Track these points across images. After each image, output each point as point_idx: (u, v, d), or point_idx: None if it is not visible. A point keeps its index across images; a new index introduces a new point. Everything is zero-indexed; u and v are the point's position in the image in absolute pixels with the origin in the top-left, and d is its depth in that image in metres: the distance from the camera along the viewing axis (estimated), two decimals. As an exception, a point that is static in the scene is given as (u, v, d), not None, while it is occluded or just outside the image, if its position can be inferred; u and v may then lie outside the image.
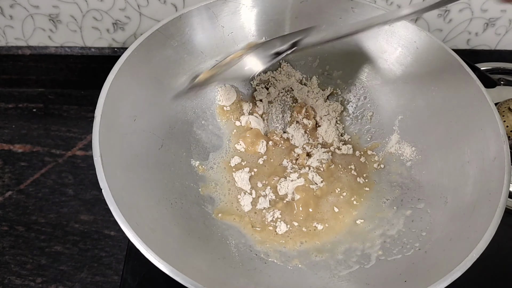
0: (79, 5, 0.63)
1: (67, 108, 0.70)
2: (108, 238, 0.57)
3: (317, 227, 0.51)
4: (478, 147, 0.47)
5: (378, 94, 0.58)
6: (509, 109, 0.59)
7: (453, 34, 0.69)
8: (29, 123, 0.68)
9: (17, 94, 0.72)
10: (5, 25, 0.66)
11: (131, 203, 0.40)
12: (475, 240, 0.39)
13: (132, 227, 0.37)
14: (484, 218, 0.41)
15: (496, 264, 0.54)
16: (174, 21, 0.51)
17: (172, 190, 0.49)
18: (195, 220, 0.48)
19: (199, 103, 0.56)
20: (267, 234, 0.51)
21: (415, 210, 0.50)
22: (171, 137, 0.52)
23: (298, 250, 0.49)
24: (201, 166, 0.54)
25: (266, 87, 0.60)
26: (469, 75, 0.49)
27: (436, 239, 0.45)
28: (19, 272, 0.54)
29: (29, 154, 0.65)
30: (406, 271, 0.43)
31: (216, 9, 0.54)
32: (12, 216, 0.58)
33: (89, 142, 0.66)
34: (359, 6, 0.55)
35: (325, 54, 0.59)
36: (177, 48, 0.52)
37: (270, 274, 0.46)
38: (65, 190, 0.61)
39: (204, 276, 0.40)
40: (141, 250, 0.36)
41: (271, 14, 0.56)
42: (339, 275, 0.46)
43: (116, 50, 0.70)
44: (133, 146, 0.46)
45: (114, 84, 0.45)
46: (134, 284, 0.50)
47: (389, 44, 0.56)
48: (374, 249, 0.48)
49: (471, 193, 0.45)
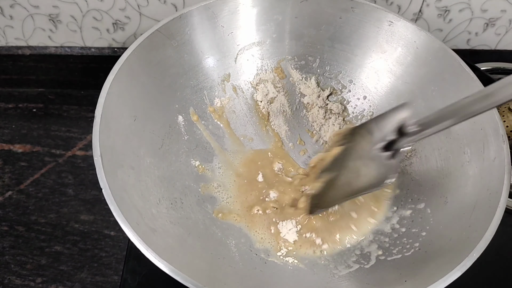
0: (79, 5, 0.63)
1: (67, 108, 0.70)
2: (108, 238, 0.57)
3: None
4: (478, 147, 0.47)
5: (378, 94, 0.58)
6: (509, 109, 0.59)
7: (453, 34, 0.69)
8: (29, 123, 0.68)
9: (17, 94, 0.72)
10: (5, 25, 0.66)
11: (131, 203, 0.40)
12: (475, 240, 0.39)
13: (132, 227, 0.37)
14: (484, 218, 0.41)
15: (496, 264, 0.54)
16: (174, 21, 0.51)
17: (172, 190, 0.49)
18: (195, 220, 0.48)
19: (199, 103, 0.56)
20: (268, 235, 0.51)
21: (415, 210, 0.50)
22: (171, 137, 0.52)
23: (298, 250, 0.49)
24: (201, 166, 0.54)
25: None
26: (469, 75, 0.49)
27: (436, 239, 0.45)
28: (19, 272, 0.54)
29: (29, 154, 0.65)
30: (406, 271, 0.43)
31: (216, 9, 0.54)
32: (12, 216, 0.58)
33: (89, 142, 0.66)
34: (359, 6, 0.55)
35: (325, 54, 0.59)
36: (177, 48, 0.52)
37: (270, 274, 0.46)
38: (65, 190, 0.61)
39: (204, 275, 0.40)
40: (141, 249, 0.36)
41: (271, 13, 0.56)
42: (339, 275, 0.46)
43: (116, 50, 0.70)
44: (133, 145, 0.46)
45: (114, 84, 0.45)
46: (134, 284, 0.50)
47: (389, 44, 0.56)
48: (373, 248, 0.48)
49: (471, 193, 0.45)
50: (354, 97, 0.60)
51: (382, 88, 0.58)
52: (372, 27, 0.56)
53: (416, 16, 0.67)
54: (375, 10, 0.55)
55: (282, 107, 0.60)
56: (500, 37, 0.71)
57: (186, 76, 0.54)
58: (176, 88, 0.53)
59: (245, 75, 0.59)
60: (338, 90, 0.60)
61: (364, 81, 0.59)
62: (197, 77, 0.55)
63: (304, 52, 0.59)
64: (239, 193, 0.54)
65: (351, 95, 0.60)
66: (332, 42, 0.58)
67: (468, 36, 0.70)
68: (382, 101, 0.58)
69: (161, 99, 0.51)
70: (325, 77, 0.60)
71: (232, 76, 0.58)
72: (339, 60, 0.59)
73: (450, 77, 0.52)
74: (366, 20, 0.56)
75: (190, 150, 0.54)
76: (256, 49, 0.58)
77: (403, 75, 0.56)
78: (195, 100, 0.55)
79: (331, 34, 0.57)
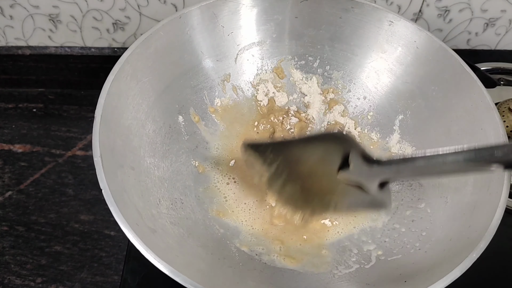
0: (79, 5, 0.63)
1: (67, 108, 0.70)
2: (108, 238, 0.57)
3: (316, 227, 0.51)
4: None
5: (378, 94, 0.58)
6: (509, 109, 0.59)
7: (453, 34, 0.69)
8: (29, 123, 0.68)
9: (17, 94, 0.72)
10: (5, 25, 0.66)
11: (131, 204, 0.40)
12: (475, 240, 0.39)
13: (132, 228, 0.37)
14: (484, 218, 0.41)
15: (496, 264, 0.54)
16: (174, 21, 0.51)
17: (172, 190, 0.49)
18: (195, 220, 0.48)
19: (198, 103, 0.56)
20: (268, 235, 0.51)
21: (415, 210, 0.50)
22: (171, 137, 0.52)
23: (298, 250, 0.49)
24: (201, 166, 0.54)
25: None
26: (469, 75, 0.49)
27: (436, 239, 0.45)
28: (19, 272, 0.54)
29: (29, 154, 0.65)
30: (406, 271, 0.43)
31: (216, 9, 0.54)
32: (12, 216, 0.58)
33: (89, 142, 0.66)
34: (359, 5, 0.55)
35: (325, 54, 0.59)
36: (177, 48, 0.52)
37: (270, 275, 0.46)
38: (65, 190, 0.61)
39: (204, 276, 0.40)
40: (141, 250, 0.36)
41: (271, 13, 0.56)
42: (339, 275, 0.46)
43: (116, 50, 0.70)
44: (133, 146, 0.46)
45: (114, 85, 0.44)
46: (134, 284, 0.50)
47: (389, 44, 0.56)
48: (372, 247, 0.48)
49: (471, 193, 0.45)
50: (354, 97, 0.59)
51: (382, 88, 0.58)
52: (372, 27, 0.56)
53: (416, 16, 0.67)
54: (375, 10, 0.55)
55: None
56: (500, 37, 0.71)
57: (186, 76, 0.54)
58: (176, 89, 0.53)
59: (245, 75, 0.59)
60: (338, 90, 0.60)
61: (364, 80, 0.59)
62: (197, 77, 0.55)
63: (304, 52, 0.59)
64: (240, 193, 0.54)
65: (351, 95, 0.60)
66: (332, 42, 0.58)
67: (468, 36, 0.70)
68: (382, 101, 0.58)
69: (161, 100, 0.51)
70: (325, 77, 0.60)
71: (232, 76, 0.58)
72: (339, 60, 0.59)
73: (450, 77, 0.52)
74: (366, 20, 0.56)
75: (190, 150, 0.54)
76: (256, 49, 0.58)
77: (403, 75, 0.56)
78: (195, 100, 0.55)
79: (331, 34, 0.57)
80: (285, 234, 0.51)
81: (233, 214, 0.52)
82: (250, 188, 0.54)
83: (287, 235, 0.51)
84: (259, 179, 0.49)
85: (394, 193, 0.53)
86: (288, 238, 0.50)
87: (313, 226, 0.51)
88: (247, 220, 0.52)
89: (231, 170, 0.56)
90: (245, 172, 0.56)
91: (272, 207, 0.52)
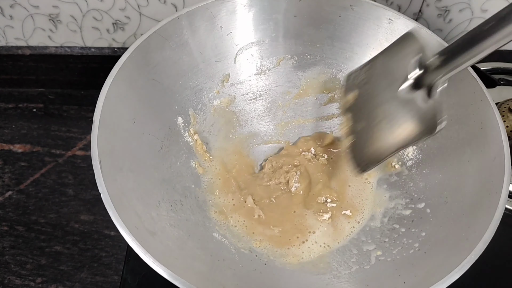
0: (79, 5, 0.63)
1: (67, 108, 0.70)
2: (108, 238, 0.57)
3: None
4: (478, 147, 0.47)
5: (378, 94, 0.58)
6: (509, 109, 0.59)
7: (453, 34, 0.69)
8: (29, 123, 0.68)
9: (17, 94, 0.72)
10: (5, 25, 0.66)
11: (130, 207, 0.40)
12: (475, 241, 0.39)
13: (131, 231, 0.37)
14: (484, 218, 0.41)
15: (496, 264, 0.54)
16: (172, 22, 0.51)
17: (172, 192, 0.48)
18: (195, 222, 0.48)
19: (198, 104, 0.56)
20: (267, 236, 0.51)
21: (415, 210, 0.50)
22: (171, 138, 0.52)
23: (297, 250, 0.49)
24: (201, 167, 0.54)
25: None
26: (470, 75, 0.49)
27: (435, 240, 0.45)
28: (19, 272, 0.54)
29: (29, 154, 0.65)
30: (405, 272, 0.43)
31: (214, 10, 0.53)
32: (12, 216, 0.59)
33: (89, 142, 0.65)
34: (358, 4, 0.55)
35: (325, 52, 0.59)
36: (176, 50, 0.52)
37: (270, 275, 0.46)
38: (65, 190, 0.61)
39: (204, 278, 0.40)
40: (140, 254, 0.36)
41: (270, 13, 0.56)
42: (338, 276, 0.46)
43: (116, 50, 0.70)
44: (133, 148, 0.46)
45: (113, 88, 0.44)
46: (134, 284, 0.51)
47: (388, 42, 0.55)
48: (371, 247, 0.48)
49: (471, 193, 0.45)
50: (354, 96, 0.59)
51: (382, 88, 0.57)
52: (371, 25, 0.56)
53: (416, 16, 0.67)
54: (374, 8, 0.55)
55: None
56: (501, 36, 0.70)
57: (185, 77, 0.54)
58: (175, 90, 0.53)
59: (245, 75, 0.59)
60: (338, 89, 0.60)
61: (364, 80, 0.58)
62: (196, 78, 0.55)
63: (303, 50, 0.59)
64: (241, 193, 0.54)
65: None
66: (331, 41, 0.58)
67: (468, 35, 0.70)
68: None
69: (160, 101, 0.51)
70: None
71: (232, 76, 0.58)
72: (338, 58, 0.59)
73: (450, 77, 0.51)
74: (366, 18, 0.55)
75: (190, 151, 0.54)
76: (255, 48, 0.58)
77: (403, 74, 0.55)
78: (194, 101, 0.55)
79: (331, 32, 0.57)
80: (285, 235, 0.51)
81: (234, 214, 0.52)
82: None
83: (287, 235, 0.51)
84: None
85: (394, 193, 0.53)
86: (288, 238, 0.50)
87: (311, 225, 0.51)
88: (247, 220, 0.52)
89: (231, 170, 0.56)
90: (245, 172, 0.56)
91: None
